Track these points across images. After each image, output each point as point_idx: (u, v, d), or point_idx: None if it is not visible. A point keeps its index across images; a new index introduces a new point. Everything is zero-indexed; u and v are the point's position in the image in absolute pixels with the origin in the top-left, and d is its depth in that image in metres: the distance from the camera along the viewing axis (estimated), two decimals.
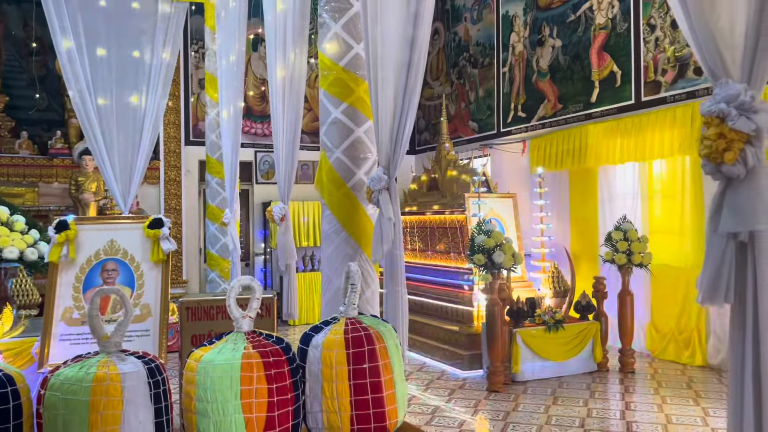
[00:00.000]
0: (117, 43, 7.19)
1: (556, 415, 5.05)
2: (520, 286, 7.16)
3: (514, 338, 6.08)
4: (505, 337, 5.98)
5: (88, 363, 1.81)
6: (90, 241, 5.00)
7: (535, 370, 6.17)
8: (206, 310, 4.86)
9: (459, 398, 5.62)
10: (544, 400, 5.48)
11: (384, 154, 3.47)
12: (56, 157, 9.69)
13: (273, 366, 1.97)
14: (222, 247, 7.62)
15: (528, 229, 8.13)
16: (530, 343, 6.14)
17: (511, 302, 6.28)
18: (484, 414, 5.19)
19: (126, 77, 6.95)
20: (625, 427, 4.74)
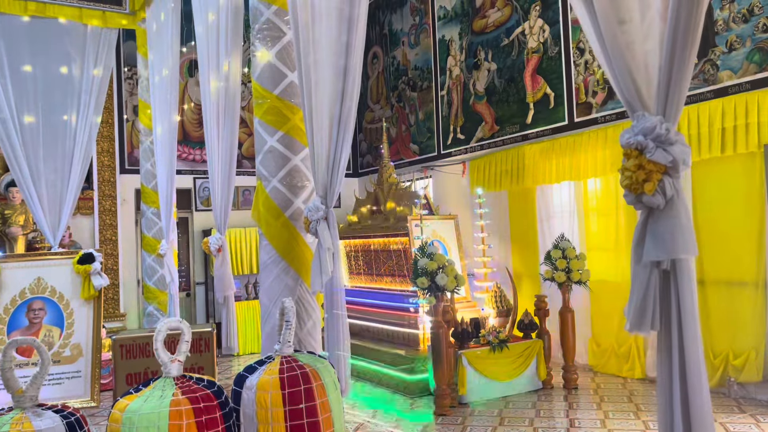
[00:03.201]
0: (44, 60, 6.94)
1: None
2: (464, 306, 7.21)
3: (460, 360, 6.09)
4: (450, 359, 5.99)
5: (1, 421, 1.69)
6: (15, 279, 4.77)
7: (481, 391, 6.19)
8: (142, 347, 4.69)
9: (406, 425, 5.57)
10: (491, 421, 5.50)
11: (321, 183, 3.43)
12: None
13: (204, 412, 1.89)
14: (160, 278, 7.39)
15: (470, 249, 8.22)
16: (476, 364, 6.17)
17: (456, 324, 6.30)
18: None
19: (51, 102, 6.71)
20: None
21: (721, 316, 5.99)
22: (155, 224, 7.43)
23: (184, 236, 10.95)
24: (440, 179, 9.85)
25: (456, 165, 9.48)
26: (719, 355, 5.96)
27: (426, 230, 7.22)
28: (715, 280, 6.03)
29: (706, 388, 1.71)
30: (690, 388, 1.69)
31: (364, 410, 6.06)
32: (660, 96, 1.62)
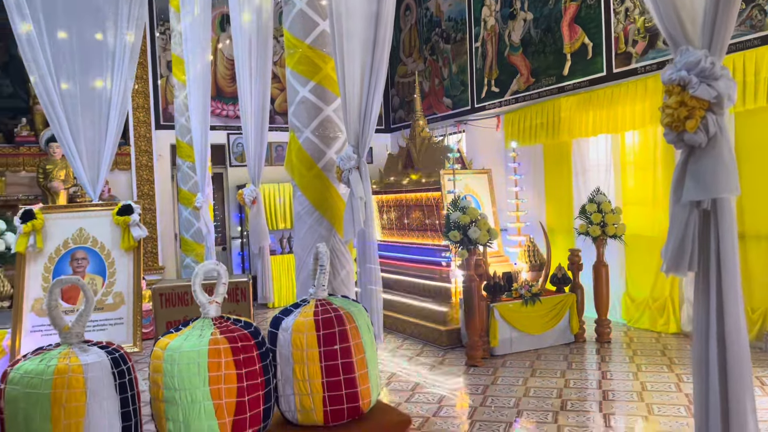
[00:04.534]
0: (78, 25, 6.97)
1: (534, 386, 5.11)
2: (496, 261, 7.20)
3: (492, 313, 6.12)
4: (482, 312, 6.02)
5: (49, 355, 1.76)
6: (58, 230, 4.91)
7: (513, 343, 6.23)
8: (180, 296, 4.82)
9: (438, 374, 5.65)
10: (522, 372, 5.54)
11: (353, 132, 3.42)
12: (22, 145, 9.45)
13: (241, 351, 1.95)
14: (196, 231, 7.53)
15: (503, 204, 8.15)
16: (508, 317, 6.19)
17: (488, 277, 6.31)
18: (464, 389, 5.23)
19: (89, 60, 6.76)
20: (602, 396, 4.81)
21: (760, 271, 5.86)
22: (190, 178, 7.54)
23: (218, 192, 11.11)
24: (473, 133, 9.73)
25: (490, 119, 9.33)
26: (757, 310, 5.86)
27: (459, 185, 7.17)
28: (755, 235, 5.88)
29: (744, 334, 1.68)
30: (727, 333, 1.67)
31: (395, 361, 6.16)
32: (705, 29, 1.54)
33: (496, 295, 6.26)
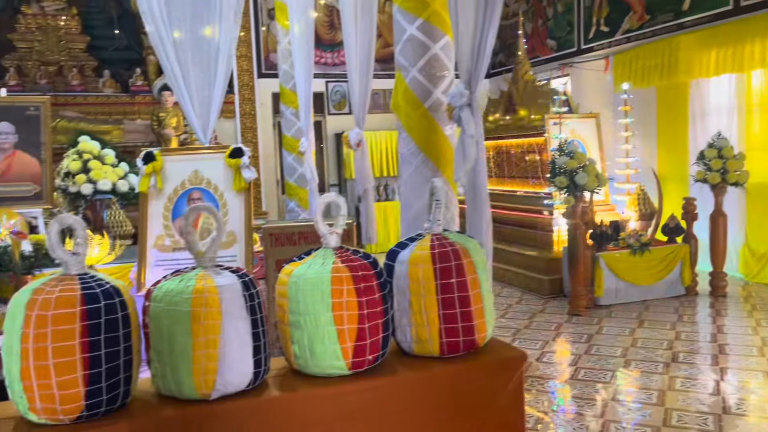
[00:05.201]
0: None
1: (642, 338, 4.94)
2: (603, 209, 6.93)
3: (597, 262, 5.93)
4: (587, 260, 5.84)
5: (187, 276, 1.87)
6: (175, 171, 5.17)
7: (618, 293, 6.02)
8: (288, 236, 4.99)
9: (539, 321, 5.59)
10: (629, 323, 5.37)
11: (465, 68, 3.33)
12: (138, 94, 10.00)
13: (362, 280, 1.98)
14: (299, 176, 7.74)
15: (612, 150, 7.77)
16: (614, 266, 5.98)
17: (594, 225, 6.10)
18: (566, 336, 5.15)
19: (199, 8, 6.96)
20: (717, 350, 4.58)
21: None
22: (293, 124, 7.70)
23: (317, 140, 11.31)
24: (580, 76, 9.26)
25: (598, 60, 8.83)
26: None
27: (564, 130, 6.90)
28: None
29: None
30: None
31: (496, 309, 6.14)
32: None
33: (602, 244, 6.05)
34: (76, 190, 5.49)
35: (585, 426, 3.43)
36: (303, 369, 2.00)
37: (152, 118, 9.51)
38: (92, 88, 9.90)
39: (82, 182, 5.45)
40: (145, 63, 10.35)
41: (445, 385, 2.11)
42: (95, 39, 10.06)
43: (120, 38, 10.42)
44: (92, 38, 10.01)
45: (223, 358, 1.81)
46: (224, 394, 1.84)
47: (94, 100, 9.74)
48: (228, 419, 1.84)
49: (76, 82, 9.74)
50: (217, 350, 1.80)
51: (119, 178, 5.69)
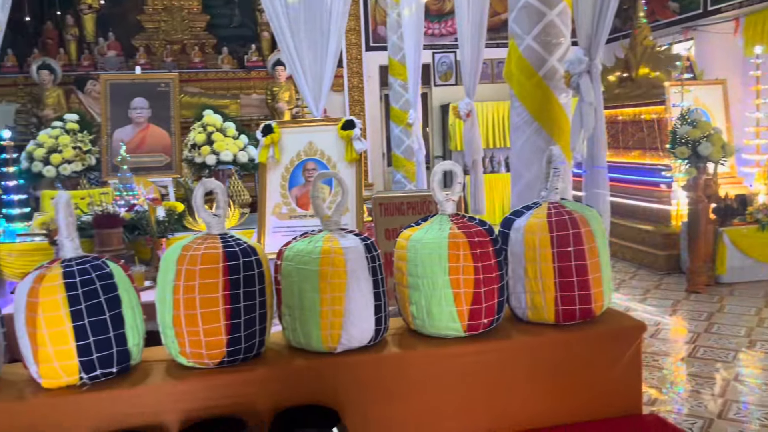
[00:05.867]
0: None
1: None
2: (728, 182, 6.50)
3: (720, 238, 5.60)
4: (709, 236, 5.53)
5: (315, 238, 2.01)
6: (291, 143, 5.41)
7: (744, 271, 5.67)
8: (397, 205, 5.11)
9: (655, 298, 5.38)
10: (755, 302, 5.05)
11: (584, 34, 3.23)
12: (253, 69, 10.45)
13: (478, 246, 2.03)
14: (406, 148, 7.83)
15: (740, 119, 7.23)
16: (739, 242, 5.62)
17: (718, 199, 5.75)
18: (684, 314, 4.94)
19: None
20: None
21: None
22: (401, 96, 7.78)
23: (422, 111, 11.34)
24: (705, 40, 8.62)
25: (726, 23, 8.18)
26: None
27: (687, 98, 6.50)
28: None
29: None
30: None
31: None
32: None
33: (726, 219, 5.70)
34: (201, 161, 5.88)
35: (704, 405, 3.32)
36: (420, 329, 2.10)
37: (266, 92, 9.93)
38: (212, 64, 10.47)
39: (206, 153, 5.83)
40: (259, 39, 10.78)
41: (559, 352, 2.13)
42: (214, 18, 10.60)
43: (236, 16, 10.90)
44: (211, 17, 10.55)
45: (347, 315, 1.93)
46: (348, 348, 1.97)
47: (213, 76, 10.31)
48: (351, 371, 1.97)
49: (198, 60, 10.33)
50: (343, 307, 1.93)
51: (239, 150, 6.02)
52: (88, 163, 5.85)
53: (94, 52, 10.19)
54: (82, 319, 1.76)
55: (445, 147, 11.31)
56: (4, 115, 9.27)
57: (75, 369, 1.77)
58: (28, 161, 5.76)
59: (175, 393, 1.85)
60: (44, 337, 1.74)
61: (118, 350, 1.83)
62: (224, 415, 1.84)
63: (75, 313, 1.75)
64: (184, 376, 1.88)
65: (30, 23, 9.87)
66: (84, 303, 1.77)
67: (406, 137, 7.80)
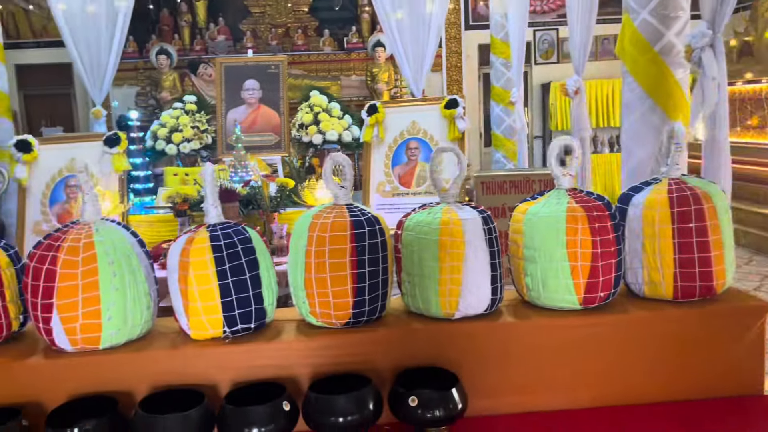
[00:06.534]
0: None
1: None
2: None
3: None
4: None
5: (434, 210, 2.10)
6: (395, 122, 5.54)
7: None
8: (499, 184, 5.13)
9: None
10: None
11: (708, 6, 3.11)
12: (353, 51, 10.67)
13: (597, 220, 2.05)
14: (507, 127, 7.77)
15: None
16: None
17: None
18: None
19: None
20: None
21: None
22: (503, 75, 7.71)
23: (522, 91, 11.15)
24: None
25: None
26: None
27: None
28: None
29: None
30: None
31: None
32: None
33: None
34: (308, 140, 6.13)
35: None
36: (534, 300, 2.15)
37: (366, 73, 10.11)
38: (314, 47, 10.77)
39: (313, 133, 6.07)
40: (359, 21, 10.96)
41: (677, 329, 2.11)
42: (316, 1, 10.87)
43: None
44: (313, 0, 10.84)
45: (465, 283, 2.02)
46: (465, 315, 2.06)
47: (315, 58, 10.61)
48: (468, 337, 2.06)
49: (301, 42, 10.66)
50: (461, 275, 2.01)
51: (344, 129, 6.22)
52: (205, 141, 6.25)
53: (205, 37, 10.74)
54: (226, 278, 1.95)
55: (545, 126, 11.09)
56: (125, 98, 10.00)
57: (220, 323, 1.97)
58: (152, 140, 6.23)
59: (305, 349, 2.01)
60: (194, 293, 1.94)
61: (256, 308, 2.01)
62: (349, 371, 1.98)
63: (220, 272, 1.94)
64: (313, 334, 2.04)
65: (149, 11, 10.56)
66: (228, 264, 1.95)
67: (506, 116, 7.74)
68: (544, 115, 11.05)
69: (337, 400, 1.81)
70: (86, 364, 1.93)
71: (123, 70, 10.28)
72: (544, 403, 2.09)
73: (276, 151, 6.17)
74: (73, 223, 2.00)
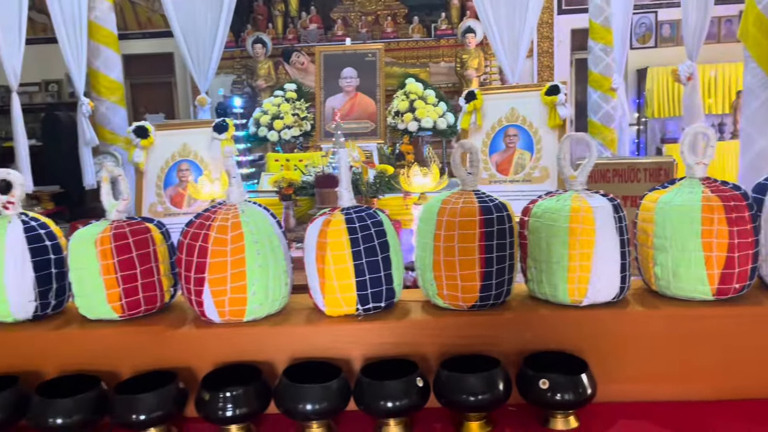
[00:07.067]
0: None
1: None
2: None
3: None
4: None
5: (563, 197, 2.11)
6: (493, 109, 5.52)
7: None
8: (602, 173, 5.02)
9: None
10: None
11: None
12: (442, 38, 10.66)
13: (734, 210, 2.00)
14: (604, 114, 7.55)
15: None
16: None
17: None
18: None
19: None
20: None
21: None
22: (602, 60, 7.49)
23: None
24: None
25: None
26: None
27: None
28: None
29: None
30: None
31: None
32: None
33: None
34: (403, 127, 6.21)
35: None
36: (663, 290, 2.13)
37: (455, 60, 10.09)
38: (402, 34, 10.84)
39: (408, 120, 6.14)
40: (448, 8, 10.93)
41: None
42: None
43: None
44: None
45: (595, 271, 2.02)
46: (593, 302, 2.07)
47: (404, 45, 10.67)
48: (596, 323, 2.07)
49: (390, 30, 10.75)
50: (590, 263, 2.02)
51: (439, 116, 6.25)
52: (304, 128, 6.46)
53: (297, 26, 11.02)
54: (360, 258, 2.04)
55: (640, 114, 10.70)
56: (222, 86, 10.43)
57: (353, 301, 2.07)
58: (255, 126, 6.50)
59: (433, 329, 2.09)
60: (330, 272, 2.05)
61: (386, 288, 2.10)
62: (476, 353, 2.04)
63: (355, 253, 2.04)
64: (440, 315, 2.11)
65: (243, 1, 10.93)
66: (362, 245, 2.05)
67: (605, 103, 7.52)
68: (640, 101, 10.65)
69: (468, 379, 1.87)
70: (231, 335, 2.08)
71: (221, 59, 10.75)
72: (671, 393, 2.07)
73: (372, 138, 6.28)
74: (219, 203, 2.15)
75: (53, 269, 2.16)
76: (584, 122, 8.57)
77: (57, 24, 7.16)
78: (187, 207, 5.08)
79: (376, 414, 1.89)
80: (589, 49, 7.99)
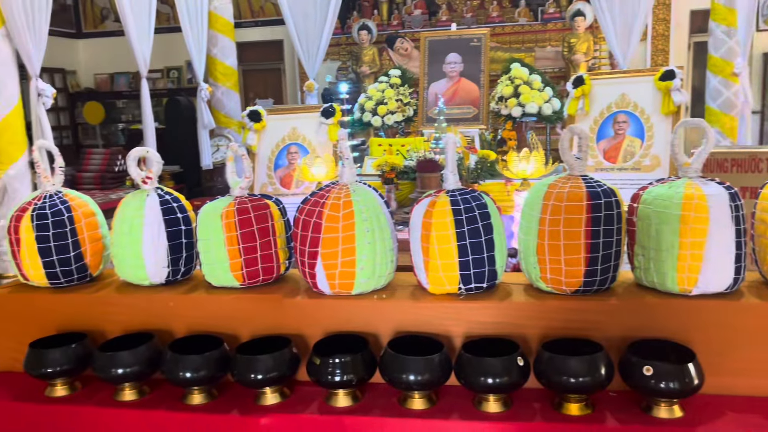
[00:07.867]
0: None
1: None
2: None
3: None
4: None
5: (675, 184, 2.07)
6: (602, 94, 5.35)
7: None
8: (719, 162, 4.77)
9: None
10: None
11: None
12: (549, 21, 10.38)
13: None
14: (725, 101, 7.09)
15: None
16: None
17: None
18: None
19: None
20: None
21: None
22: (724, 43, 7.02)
23: None
24: None
25: None
26: None
27: None
28: None
29: None
30: None
31: None
32: None
33: None
34: (506, 113, 6.15)
35: None
36: None
37: (563, 44, 9.80)
38: (508, 18, 10.66)
39: (512, 106, 6.07)
40: None
41: None
42: None
43: None
44: None
45: (707, 260, 1.97)
46: (704, 292, 2.02)
47: (510, 29, 10.50)
48: (706, 314, 2.01)
49: (496, 14, 10.60)
50: (703, 252, 1.97)
51: (544, 102, 6.14)
52: (407, 114, 6.55)
53: (402, 12, 11.11)
54: (464, 239, 2.10)
55: (764, 101, 9.95)
56: (328, 72, 10.72)
57: (456, 280, 2.14)
58: (359, 111, 6.67)
59: (535, 311, 2.12)
60: (435, 251, 2.13)
61: (489, 269, 2.15)
62: (578, 337, 2.05)
63: (459, 234, 2.10)
64: (543, 298, 2.14)
65: None
66: (466, 227, 2.11)
67: (725, 89, 7.06)
68: (765, 87, 9.89)
69: (570, 361, 1.89)
70: (340, 307, 2.22)
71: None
72: None
73: (474, 124, 6.28)
74: (333, 183, 2.28)
75: (183, 239, 2.37)
76: (701, 109, 8.07)
77: (181, 14, 7.66)
78: (295, 188, 5.33)
79: (476, 389, 1.96)
80: (710, 32, 7.50)
